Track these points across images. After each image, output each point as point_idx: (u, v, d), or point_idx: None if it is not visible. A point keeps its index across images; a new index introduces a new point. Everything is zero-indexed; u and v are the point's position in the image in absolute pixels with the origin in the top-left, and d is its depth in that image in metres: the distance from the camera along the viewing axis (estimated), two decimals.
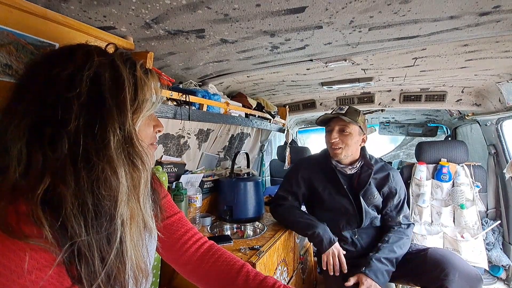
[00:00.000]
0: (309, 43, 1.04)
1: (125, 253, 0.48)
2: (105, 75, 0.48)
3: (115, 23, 0.83)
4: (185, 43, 1.01)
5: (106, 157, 0.45)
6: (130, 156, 0.49)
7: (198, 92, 1.30)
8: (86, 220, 0.43)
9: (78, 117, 0.44)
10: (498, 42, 1.09)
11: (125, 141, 0.48)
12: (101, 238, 0.45)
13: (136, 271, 0.51)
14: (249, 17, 0.81)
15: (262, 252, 1.19)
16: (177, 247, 0.77)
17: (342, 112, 1.43)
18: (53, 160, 0.42)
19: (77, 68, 0.46)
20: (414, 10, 0.79)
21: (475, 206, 2.00)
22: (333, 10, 0.78)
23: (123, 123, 0.48)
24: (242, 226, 1.63)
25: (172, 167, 1.56)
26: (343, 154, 1.44)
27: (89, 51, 0.50)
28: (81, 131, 0.44)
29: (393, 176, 1.50)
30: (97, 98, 0.46)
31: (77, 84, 0.45)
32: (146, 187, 0.53)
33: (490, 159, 2.09)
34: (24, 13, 0.66)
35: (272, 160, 3.05)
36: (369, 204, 1.46)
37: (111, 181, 0.45)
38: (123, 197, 0.47)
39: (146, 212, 0.54)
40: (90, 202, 0.43)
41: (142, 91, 0.53)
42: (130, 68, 0.52)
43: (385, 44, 1.08)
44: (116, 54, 0.54)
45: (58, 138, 0.43)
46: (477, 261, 1.90)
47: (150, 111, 0.55)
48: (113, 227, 0.46)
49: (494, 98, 1.76)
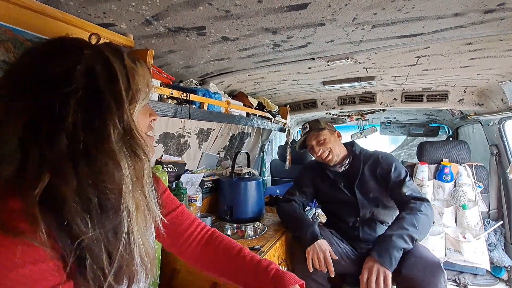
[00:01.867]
0: (311, 41, 1.03)
1: (133, 243, 0.49)
2: (97, 68, 0.47)
3: (115, 20, 0.81)
4: (185, 41, 0.99)
5: (108, 150, 0.44)
6: (132, 148, 0.49)
7: (199, 91, 1.29)
8: (92, 216, 0.43)
9: (75, 112, 0.43)
10: (502, 40, 1.07)
11: (125, 133, 0.48)
12: (108, 231, 0.45)
13: (145, 259, 0.51)
14: (250, 14, 0.80)
15: (263, 253, 1.18)
16: (182, 240, 0.82)
17: (307, 129, 1.65)
18: (51, 157, 0.41)
19: (71, 63, 0.45)
20: (418, 7, 0.78)
21: (477, 206, 1.99)
22: (336, 6, 0.77)
23: (122, 115, 0.47)
24: (243, 226, 1.62)
25: (172, 166, 1.55)
26: (334, 156, 1.58)
27: (79, 44, 0.49)
28: (79, 126, 0.43)
29: (382, 157, 1.56)
30: (93, 92, 0.45)
31: (72, 79, 0.44)
32: (149, 176, 0.54)
33: (492, 159, 2.07)
34: (22, 9, 0.64)
35: (273, 160, 3.04)
36: (367, 193, 1.51)
37: (115, 174, 0.45)
38: (127, 189, 0.47)
39: (151, 201, 0.55)
40: (94, 198, 0.43)
41: (134, 81, 0.52)
42: (119, 59, 0.51)
43: (388, 42, 1.07)
44: (102, 45, 0.53)
45: (56, 135, 0.42)
46: (479, 262, 1.89)
47: (145, 100, 0.55)
48: (119, 219, 0.46)
49: (496, 97, 1.75)
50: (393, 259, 1.18)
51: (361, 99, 2.17)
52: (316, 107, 2.37)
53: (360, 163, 1.56)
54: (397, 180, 1.46)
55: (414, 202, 1.38)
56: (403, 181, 1.45)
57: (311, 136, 1.62)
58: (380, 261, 1.18)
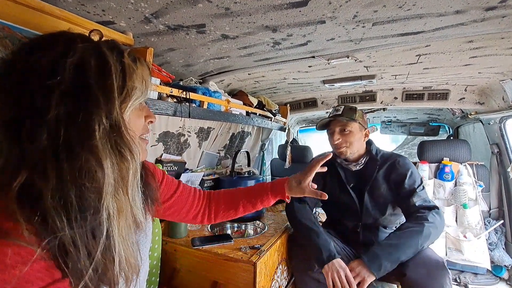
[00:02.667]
0: (311, 39, 1.03)
1: (113, 248, 0.46)
2: (90, 61, 0.45)
3: (114, 18, 0.81)
4: (185, 39, 0.99)
5: (90, 147, 0.42)
6: (118, 146, 0.46)
7: (199, 89, 1.28)
8: (69, 214, 0.41)
9: (58, 106, 0.41)
10: (503, 38, 1.07)
11: (112, 130, 0.45)
12: (86, 233, 0.43)
13: (126, 267, 0.49)
14: (250, 11, 0.80)
15: (263, 251, 1.17)
16: (192, 212, 0.92)
17: (339, 113, 1.46)
18: (31, 153, 0.40)
19: (59, 55, 0.44)
20: (419, 4, 0.78)
21: (477, 205, 1.98)
22: (336, 4, 0.77)
23: (110, 111, 0.45)
24: (243, 225, 1.62)
25: (172, 165, 1.55)
26: (349, 152, 1.45)
27: (72, 37, 0.48)
28: (62, 121, 0.41)
29: (399, 162, 1.43)
30: (80, 85, 0.44)
31: (59, 71, 0.42)
32: (136, 178, 0.51)
33: (493, 158, 2.06)
34: (21, 6, 0.64)
35: (273, 159, 3.03)
36: (376, 198, 1.42)
37: (96, 172, 0.43)
38: (109, 189, 0.44)
39: (135, 205, 0.52)
40: (73, 195, 0.41)
41: (130, 79, 0.50)
42: (117, 55, 0.50)
43: (389, 40, 1.06)
44: (101, 41, 0.52)
45: (36, 129, 0.40)
46: (480, 261, 1.88)
47: (139, 99, 0.53)
48: (98, 220, 0.44)
49: (497, 96, 1.74)
50: (382, 267, 1.13)
51: (361, 98, 2.17)
52: (317, 106, 2.36)
53: (376, 165, 1.44)
54: (410, 189, 1.36)
55: (423, 212, 1.29)
56: (415, 190, 1.35)
57: (337, 122, 1.45)
58: (368, 265, 1.13)
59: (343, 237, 1.50)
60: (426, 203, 1.33)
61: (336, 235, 1.51)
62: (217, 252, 1.17)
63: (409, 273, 1.16)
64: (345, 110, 1.46)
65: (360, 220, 1.45)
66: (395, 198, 1.41)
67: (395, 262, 1.15)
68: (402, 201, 1.37)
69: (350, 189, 1.46)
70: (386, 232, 1.45)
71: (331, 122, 1.48)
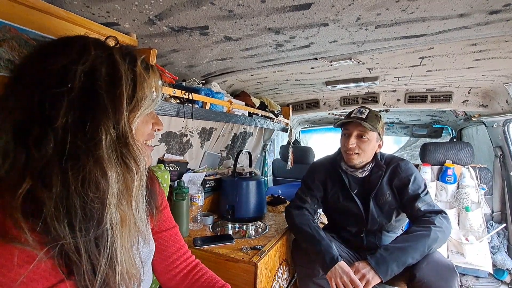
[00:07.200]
0: (314, 41, 1.03)
1: (115, 258, 0.46)
2: (101, 70, 0.45)
3: (118, 19, 0.82)
4: (188, 40, 1.00)
5: (96, 157, 0.42)
6: (123, 157, 0.46)
7: (201, 90, 1.29)
8: (71, 223, 0.41)
9: (66, 114, 0.41)
10: (507, 41, 1.06)
11: (118, 140, 0.45)
12: (89, 242, 0.43)
13: (127, 278, 0.49)
14: (253, 13, 0.80)
15: (264, 252, 1.18)
16: (168, 262, 0.78)
17: (363, 116, 1.36)
18: (37, 160, 0.40)
19: (70, 61, 0.43)
20: (422, 7, 0.78)
21: (480, 208, 1.97)
22: (339, 7, 0.77)
23: (118, 121, 0.45)
24: (244, 225, 1.62)
25: (174, 165, 1.55)
26: (359, 160, 1.39)
27: (86, 44, 0.47)
28: (69, 129, 0.41)
29: (401, 167, 1.39)
30: (90, 94, 0.43)
31: (69, 78, 0.42)
32: (140, 189, 0.51)
33: (496, 161, 2.05)
34: (27, 7, 0.65)
35: (275, 160, 3.03)
36: (381, 205, 1.40)
37: (100, 182, 0.42)
38: (112, 200, 0.44)
39: (138, 216, 0.51)
40: (77, 205, 0.41)
41: (141, 88, 0.50)
42: (130, 63, 0.49)
43: (392, 42, 1.06)
44: (115, 48, 0.51)
45: (44, 136, 0.40)
46: (482, 264, 1.87)
47: (149, 109, 0.53)
48: (101, 231, 0.44)
49: (501, 99, 1.73)
50: (389, 270, 1.12)
51: (364, 99, 2.16)
52: (319, 107, 2.36)
53: (381, 171, 1.39)
54: (414, 194, 1.32)
55: (429, 216, 1.27)
56: (419, 196, 1.32)
57: (357, 125, 1.36)
58: (375, 268, 1.12)
59: (345, 241, 1.49)
60: (432, 207, 1.31)
61: (339, 239, 1.49)
62: (218, 252, 1.17)
63: (419, 275, 1.15)
64: (370, 115, 1.36)
65: (365, 226, 1.43)
66: (399, 203, 1.39)
67: (402, 265, 1.14)
68: (407, 207, 1.35)
69: (355, 196, 1.42)
70: (390, 236, 1.44)
71: (350, 123, 1.39)
